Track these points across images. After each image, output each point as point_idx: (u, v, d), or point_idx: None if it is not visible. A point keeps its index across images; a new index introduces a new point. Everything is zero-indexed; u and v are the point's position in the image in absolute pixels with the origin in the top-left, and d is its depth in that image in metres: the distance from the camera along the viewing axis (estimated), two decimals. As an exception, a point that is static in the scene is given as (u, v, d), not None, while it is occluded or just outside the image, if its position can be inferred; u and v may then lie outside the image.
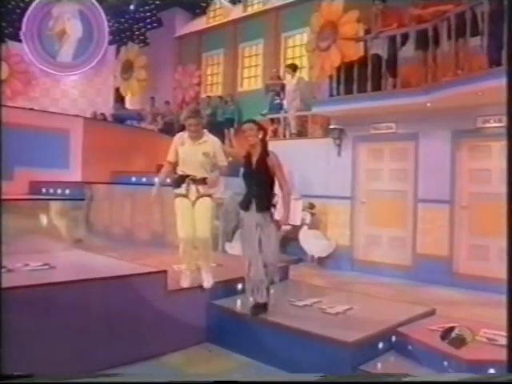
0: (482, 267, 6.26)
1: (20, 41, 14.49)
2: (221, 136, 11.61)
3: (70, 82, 15.07)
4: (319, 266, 7.70)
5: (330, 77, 7.45)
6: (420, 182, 6.94)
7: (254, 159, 4.04)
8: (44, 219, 5.79)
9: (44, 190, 5.97)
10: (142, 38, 16.78)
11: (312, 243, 7.84)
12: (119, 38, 16.22)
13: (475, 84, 5.60)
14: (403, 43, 6.80)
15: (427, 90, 6.29)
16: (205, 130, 4.36)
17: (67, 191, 5.65)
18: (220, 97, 12.69)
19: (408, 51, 6.79)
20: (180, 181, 4.30)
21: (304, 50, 11.47)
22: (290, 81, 9.46)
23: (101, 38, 14.88)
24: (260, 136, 4.03)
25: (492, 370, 3.34)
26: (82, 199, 5.50)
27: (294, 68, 9.45)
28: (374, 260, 7.27)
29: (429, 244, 6.78)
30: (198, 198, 4.28)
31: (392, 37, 6.80)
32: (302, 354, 3.68)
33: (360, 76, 7.06)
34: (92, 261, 4.79)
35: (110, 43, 15.05)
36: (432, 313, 4.48)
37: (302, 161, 7.98)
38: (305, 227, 7.92)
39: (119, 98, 15.49)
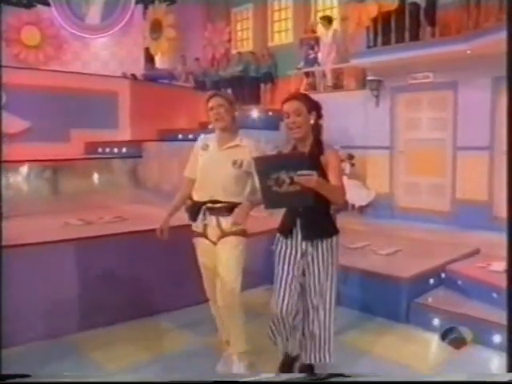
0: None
1: (49, 4, 14.63)
2: (257, 92, 11.82)
3: (100, 44, 15.24)
4: (360, 215, 7.98)
5: (367, 28, 7.50)
6: (459, 130, 7.05)
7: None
8: (103, 177, 6.20)
9: (100, 150, 6.33)
10: (167, -5, 16.75)
11: (352, 192, 8.08)
12: (144, -4, 16.23)
13: (518, 29, 5.62)
14: (441, -10, 6.80)
15: (467, 37, 6.32)
16: (239, 130, 2.99)
17: (124, 149, 5.99)
18: (252, 52, 12.72)
19: (447, -2, 6.79)
20: (194, 210, 2.91)
21: (335, 1, 11.48)
22: (325, 34, 9.49)
23: (128, -3, 14.91)
24: (311, 121, 2.70)
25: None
26: (140, 156, 5.85)
27: (329, 20, 9.45)
28: (414, 207, 7.51)
29: (468, 190, 6.97)
30: (219, 239, 2.89)
31: (431, -16, 6.78)
32: (361, 291, 4.02)
33: (398, 26, 7.09)
34: (155, 213, 5.17)
35: (137, 2, 15.09)
36: (477, 252, 4.76)
37: (339, 113, 8.11)
38: (344, 177, 8.13)
39: (149, 58, 15.65)
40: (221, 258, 2.89)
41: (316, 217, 2.70)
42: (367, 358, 3.29)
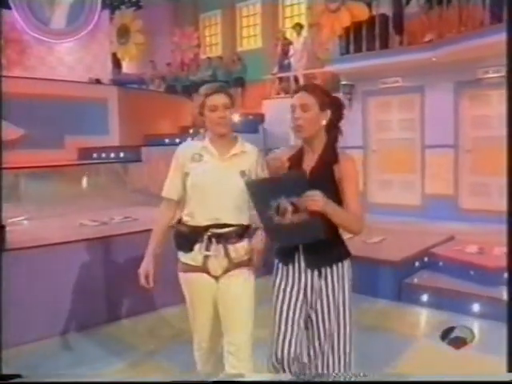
0: (483, 202, 7.15)
1: (10, 8, 14.44)
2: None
3: (65, 49, 15.18)
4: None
5: (340, 36, 8.06)
6: (426, 130, 7.72)
7: (310, 164, 2.20)
8: (99, 181, 6.48)
9: (95, 155, 6.61)
10: (133, 0, 16.90)
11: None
12: (110, 1, 16.31)
13: (478, 40, 6.29)
14: (407, 2, 7.44)
15: (433, 46, 6.97)
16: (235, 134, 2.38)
17: (121, 154, 6.30)
18: (221, 57, 13.13)
19: (413, 9, 7.44)
20: (191, 238, 2.28)
21: (302, 8, 12.07)
22: (297, 40, 10.03)
23: (93, 2, 14.95)
24: (323, 121, 2.19)
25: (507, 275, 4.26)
26: (140, 160, 6.17)
27: (300, 27, 9.98)
28: (387, 202, 8.12)
29: (436, 185, 7.64)
30: (225, 272, 2.30)
31: (398, -3, 7.42)
32: (357, 275, 4.52)
33: (368, 35, 7.69)
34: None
35: (103, 7, 15.16)
36: (452, 238, 5.38)
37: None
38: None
39: (116, 63, 15.75)
40: (230, 297, 2.29)
41: (326, 240, 2.08)
42: (375, 331, 3.79)
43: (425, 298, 4.20)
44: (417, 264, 4.67)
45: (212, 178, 2.25)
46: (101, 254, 4.09)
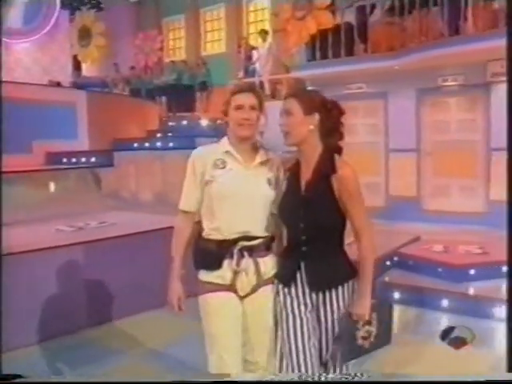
0: (444, 203, 7.51)
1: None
2: (192, 100, 12.28)
3: (23, 49, 14.85)
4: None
5: (306, 43, 8.28)
6: (390, 134, 8.04)
7: (306, 177, 2.04)
8: (68, 186, 6.42)
9: (65, 160, 6.54)
10: (94, 2, 16.66)
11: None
12: (69, 1, 16.00)
13: (438, 50, 6.63)
14: (371, 12, 7.74)
15: (396, 54, 7.28)
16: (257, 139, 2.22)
17: (93, 159, 6.27)
18: (185, 61, 13.17)
19: (376, 18, 7.73)
20: (219, 254, 2.09)
21: (266, 14, 12.27)
22: (262, 46, 10.20)
23: (51, 1, 14.62)
24: (310, 126, 2.02)
25: (472, 271, 4.55)
26: (111, 165, 6.15)
27: (265, 33, 10.17)
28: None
29: (399, 187, 7.96)
30: (254, 290, 2.13)
31: (361, 6, 7.70)
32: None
33: (334, 42, 7.94)
34: (135, 218, 5.55)
35: (62, 7, 14.85)
36: (418, 238, 5.65)
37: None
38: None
39: (77, 66, 15.50)
40: (257, 320, 2.13)
41: (326, 256, 2.01)
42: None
43: (396, 295, 4.41)
44: (388, 263, 4.89)
45: (241, 187, 2.08)
46: (82, 258, 4.09)
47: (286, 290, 2.10)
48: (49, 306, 3.78)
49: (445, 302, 4.22)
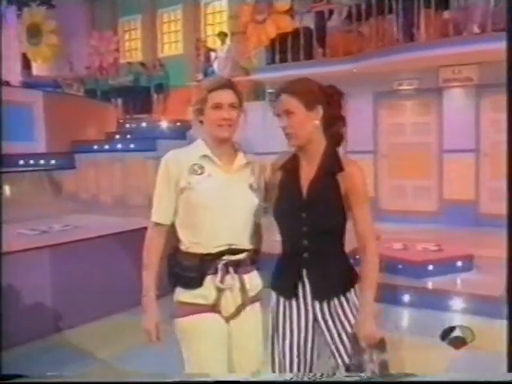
0: (400, 204, 7.79)
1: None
2: (149, 102, 12.18)
3: (-34, 47, 14.29)
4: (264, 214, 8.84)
5: (266, 47, 8.40)
6: (348, 136, 8.24)
7: (308, 177, 1.84)
8: (26, 189, 6.26)
9: (22, 162, 6.37)
10: (44, -2, 16.18)
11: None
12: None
13: (394, 55, 6.89)
14: (329, 17, 7.94)
15: (354, 58, 7.50)
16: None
17: (53, 161, 6.14)
18: (142, 63, 13.04)
19: (334, 24, 7.95)
20: (201, 270, 1.85)
21: (224, 16, 12.33)
22: (220, 48, 10.26)
23: (-5, -6, 14.11)
24: (316, 121, 1.80)
25: (430, 267, 4.77)
26: (73, 167, 6.05)
27: (224, 36, 10.22)
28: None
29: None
30: (240, 310, 1.91)
31: (320, 12, 7.90)
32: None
33: (293, 46, 8.09)
34: (99, 221, 5.47)
35: (9, 2, 14.35)
36: (378, 238, 5.84)
37: (241, 122, 8.95)
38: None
39: (26, 64, 15.02)
40: (244, 342, 1.92)
41: (330, 261, 1.84)
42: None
43: None
44: (351, 262, 5.06)
45: (223, 195, 1.85)
46: (48, 262, 4.02)
47: (286, 302, 1.89)
48: (16, 312, 3.69)
49: (406, 297, 4.41)
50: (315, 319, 1.87)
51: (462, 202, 7.20)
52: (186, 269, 1.85)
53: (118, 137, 8.63)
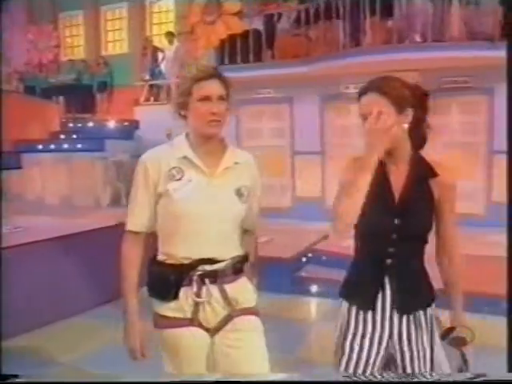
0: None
1: None
2: (92, 101, 11.87)
3: None
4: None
5: (215, 48, 8.44)
6: (295, 137, 8.46)
7: (399, 182, 1.74)
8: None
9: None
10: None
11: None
12: None
13: (340, 60, 7.14)
14: (278, 20, 8.10)
15: (302, 62, 7.69)
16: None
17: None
18: (84, 60, 12.70)
19: (283, 26, 8.11)
20: (175, 281, 1.72)
21: (171, 16, 12.22)
22: (168, 48, 10.18)
23: None
24: (405, 125, 1.68)
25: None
26: (19, 167, 5.83)
27: (172, 36, 10.15)
28: (267, 206, 8.68)
29: (305, 188, 8.41)
30: (225, 323, 1.75)
31: (269, 15, 8.04)
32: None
33: (243, 48, 8.18)
34: (48, 222, 5.32)
35: None
36: (327, 236, 6.04)
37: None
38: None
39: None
40: (238, 361, 1.71)
41: (414, 270, 1.75)
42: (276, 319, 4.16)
43: (314, 288, 4.73)
44: (304, 259, 5.21)
45: (203, 204, 1.69)
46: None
47: (360, 313, 1.74)
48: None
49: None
50: (390, 335, 1.72)
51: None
52: (159, 280, 1.73)
53: (63, 136, 8.38)
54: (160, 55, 10.74)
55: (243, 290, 1.79)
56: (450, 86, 7.02)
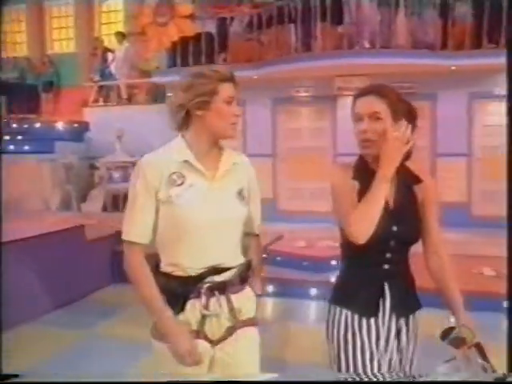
0: (298, 204, 8.22)
1: None
2: (37, 101, 11.48)
3: None
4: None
5: (167, 50, 8.40)
6: (247, 139, 8.53)
7: (390, 190, 1.74)
8: None
9: None
10: None
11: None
12: None
13: (291, 64, 7.28)
14: (231, 23, 8.17)
15: (254, 65, 7.78)
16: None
17: None
18: (28, 58, 12.27)
19: (235, 30, 8.18)
20: (181, 295, 1.65)
21: (120, 16, 12.02)
22: (118, 48, 10.01)
23: None
24: (397, 133, 1.65)
25: (334, 262, 5.14)
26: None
27: (122, 36, 9.99)
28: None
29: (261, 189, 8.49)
30: (229, 334, 1.68)
31: (222, 18, 8.09)
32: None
33: (195, 50, 8.18)
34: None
35: None
36: (282, 237, 6.16)
37: (139, 125, 8.88)
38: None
39: None
40: (235, 370, 1.68)
41: (407, 272, 1.82)
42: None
43: (270, 288, 4.81)
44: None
45: (205, 208, 1.62)
46: None
47: (363, 320, 1.73)
48: None
49: (313, 291, 4.74)
50: (389, 338, 1.75)
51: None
52: (166, 293, 1.62)
53: (7, 137, 8.07)
54: (110, 56, 10.53)
55: (247, 299, 1.73)
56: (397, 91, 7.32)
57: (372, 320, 1.73)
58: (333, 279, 4.79)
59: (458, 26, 7.00)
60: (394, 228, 1.71)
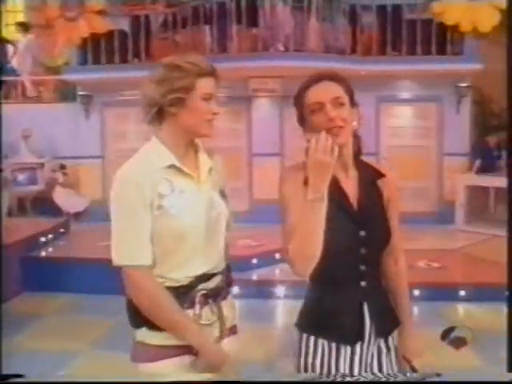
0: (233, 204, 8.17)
1: None
2: None
3: None
4: (76, 221, 8.40)
5: (78, 46, 8.04)
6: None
7: (353, 190, 1.56)
8: None
9: None
10: None
11: (67, 201, 8.50)
12: None
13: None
14: (146, 23, 8.00)
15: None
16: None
17: None
18: None
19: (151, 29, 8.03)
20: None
21: (19, 6, 11.26)
22: (21, 41, 9.38)
23: None
24: (354, 122, 1.52)
25: (254, 261, 5.24)
26: None
27: (25, 27, 9.35)
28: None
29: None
30: (219, 342, 1.61)
31: (136, 16, 7.90)
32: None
33: (107, 47, 7.92)
34: None
35: None
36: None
37: (47, 124, 8.43)
38: (58, 187, 8.48)
39: None
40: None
41: (382, 286, 1.63)
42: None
43: (235, 290, 4.76)
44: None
45: (200, 215, 1.51)
46: None
47: (342, 350, 1.52)
48: None
49: (235, 290, 4.74)
50: (372, 359, 1.56)
51: (271, 202, 7.88)
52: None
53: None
54: (11, 49, 9.83)
55: (231, 305, 1.64)
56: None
57: (357, 346, 1.53)
58: (254, 277, 4.95)
59: (366, 34, 7.41)
60: (362, 233, 1.50)
